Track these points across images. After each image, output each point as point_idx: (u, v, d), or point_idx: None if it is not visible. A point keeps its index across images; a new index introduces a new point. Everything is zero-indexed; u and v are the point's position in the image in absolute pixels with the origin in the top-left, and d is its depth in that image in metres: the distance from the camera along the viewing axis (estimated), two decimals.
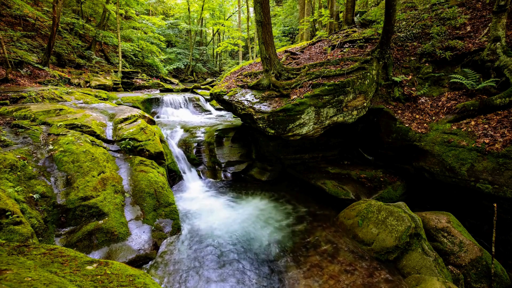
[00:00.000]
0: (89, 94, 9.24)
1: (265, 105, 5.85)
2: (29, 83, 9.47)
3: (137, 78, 16.29)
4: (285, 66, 6.62)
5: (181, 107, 12.06)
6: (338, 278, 3.68)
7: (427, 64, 6.45)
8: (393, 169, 6.37)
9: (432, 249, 3.87)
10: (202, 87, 15.95)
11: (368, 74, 6.09)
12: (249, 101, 6.20)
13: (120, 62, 15.24)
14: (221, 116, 12.01)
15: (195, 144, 7.61)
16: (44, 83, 9.94)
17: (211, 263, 3.96)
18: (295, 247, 4.38)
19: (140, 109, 8.98)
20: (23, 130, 4.80)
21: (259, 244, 4.43)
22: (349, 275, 3.73)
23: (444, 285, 3.08)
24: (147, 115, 7.01)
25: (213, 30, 32.01)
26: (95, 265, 2.27)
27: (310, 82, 5.94)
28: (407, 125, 5.78)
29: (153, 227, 4.40)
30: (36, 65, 10.45)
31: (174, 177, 6.62)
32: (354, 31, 8.19)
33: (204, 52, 28.91)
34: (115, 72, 15.17)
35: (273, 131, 5.68)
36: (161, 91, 14.70)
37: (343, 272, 3.78)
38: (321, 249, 4.33)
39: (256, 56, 19.56)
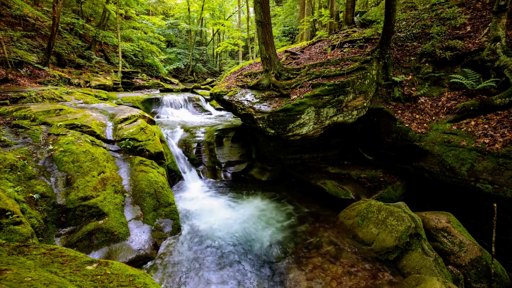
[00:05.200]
0: (89, 94, 9.24)
1: (265, 105, 5.85)
2: (29, 83, 9.47)
3: (137, 78, 16.29)
4: (285, 66, 6.62)
5: (181, 107, 12.06)
6: (338, 278, 3.67)
7: (427, 64, 6.45)
8: (393, 169, 6.37)
9: (432, 249, 3.87)
10: (202, 87, 15.94)
11: (368, 74, 6.09)
12: (249, 101, 6.20)
13: (120, 62, 15.24)
14: (221, 116, 12.01)
15: (195, 144, 7.61)
16: (44, 83, 9.94)
17: (211, 263, 3.96)
18: (295, 247, 4.38)
19: (140, 109, 8.98)
20: (23, 130, 4.80)
21: (259, 244, 4.43)
22: (349, 275, 3.72)
23: (444, 285, 3.08)
24: (147, 115, 7.01)
25: (213, 30, 32.01)
26: (95, 265, 2.27)
27: (310, 82, 5.94)
28: (407, 125, 5.78)
29: (153, 227, 4.40)
30: (36, 65, 10.45)
31: (174, 177, 6.62)
32: (354, 31, 8.19)
33: (204, 52, 28.91)
34: (115, 72, 15.17)
35: (273, 131, 5.68)
36: (161, 91, 14.69)
37: (344, 273, 3.78)
38: (322, 249, 4.32)
39: (256, 56, 19.56)
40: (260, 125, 5.79)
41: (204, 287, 3.53)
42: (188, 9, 25.41)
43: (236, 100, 6.52)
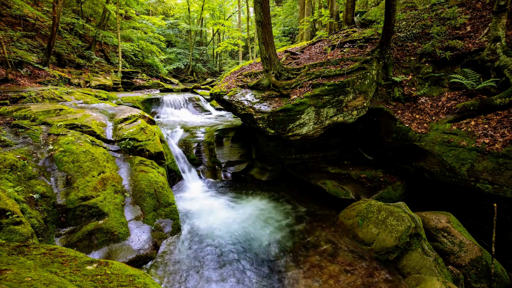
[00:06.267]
0: (89, 94, 9.24)
1: (265, 105, 5.85)
2: (29, 83, 9.47)
3: (137, 78, 16.29)
4: (285, 66, 6.62)
5: (181, 107, 12.07)
6: (338, 278, 3.68)
7: (427, 64, 6.45)
8: (393, 169, 6.37)
9: (432, 249, 3.87)
10: (202, 87, 15.94)
11: (368, 74, 6.09)
12: (249, 101, 6.20)
13: (120, 62, 15.24)
14: (221, 116, 12.01)
15: (195, 144, 7.61)
16: (44, 83, 9.94)
17: (211, 263, 3.96)
18: (295, 247, 4.38)
19: (140, 109, 8.98)
20: (23, 130, 4.80)
21: (259, 244, 4.43)
22: (349, 275, 3.72)
23: (444, 285, 3.08)
24: (147, 115, 7.01)
25: (213, 30, 32.02)
26: (95, 265, 2.27)
27: (310, 82, 5.94)
28: (407, 125, 5.78)
29: (153, 227, 4.40)
30: (36, 65, 10.45)
31: (174, 177, 6.62)
32: (354, 31, 8.19)
33: (204, 52, 28.91)
34: (115, 72, 15.17)
35: (273, 131, 5.68)
36: (161, 91, 14.70)
37: (343, 272, 3.78)
38: (321, 249, 4.33)
39: (256, 56, 19.56)
40: (260, 125, 5.79)
41: (204, 285, 3.54)
42: (188, 9, 25.41)
43: (236, 100, 6.52)
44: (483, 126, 4.82)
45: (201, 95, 13.73)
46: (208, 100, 13.35)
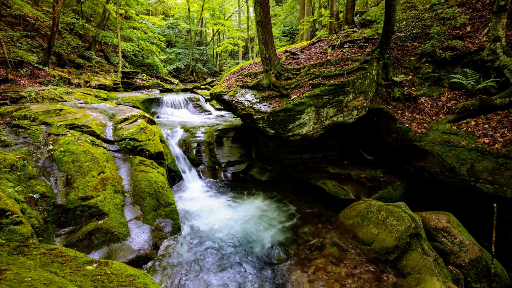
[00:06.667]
0: (89, 94, 9.24)
1: (265, 105, 5.85)
2: (29, 83, 9.46)
3: (137, 78, 16.29)
4: (285, 66, 6.62)
5: (181, 107, 12.07)
6: (344, 282, 3.65)
7: (427, 64, 6.45)
8: (393, 169, 6.37)
9: (432, 249, 3.86)
10: (202, 87, 15.94)
11: (368, 74, 6.09)
12: (249, 101, 6.20)
13: (120, 62, 15.24)
14: (221, 116, 12.01)
15: (195, 144, 7.61)
16: (44, 83, 9.94)
17: (211, 263, 3.96)
18: (299, 249, 4.35)
19: (140, 109, 8.98)
20: (23, 130, 4.80)
21: (259, 244, 4.43)
22: (355, 279, 3.68)
23: (444, 285, 3.08)
24: (147, 115, 7.01)
25: (213, 30, 32.02)
26: (95, 265, 2.27)
27: (310, 82, 5.94)
28: (407, 125, 5.78)
29: (153, 227, 4.40)
30: (36, 65, 10.45)
31: (174, 177, 6.62)
32: (354, 31, 8.19)
33: (204, 52, 28.91)
34: (115, 72, 15.17)
35: (273, 131, 5.68)
36: (161, 91, 14.70)
37: (350, 276, 3.73)
38: (326, 251, 4.31)
39: (256, 56, 19.56)
40: (260, 125, 5.79)
41: (204, 287, 3.52)
42: (188, 9, 25.42)
43: (236, 100, 6.52)
44: (483, 126, 4.82)
45: (201, 95, 13.73)
46: (208, 100, 13.34)
